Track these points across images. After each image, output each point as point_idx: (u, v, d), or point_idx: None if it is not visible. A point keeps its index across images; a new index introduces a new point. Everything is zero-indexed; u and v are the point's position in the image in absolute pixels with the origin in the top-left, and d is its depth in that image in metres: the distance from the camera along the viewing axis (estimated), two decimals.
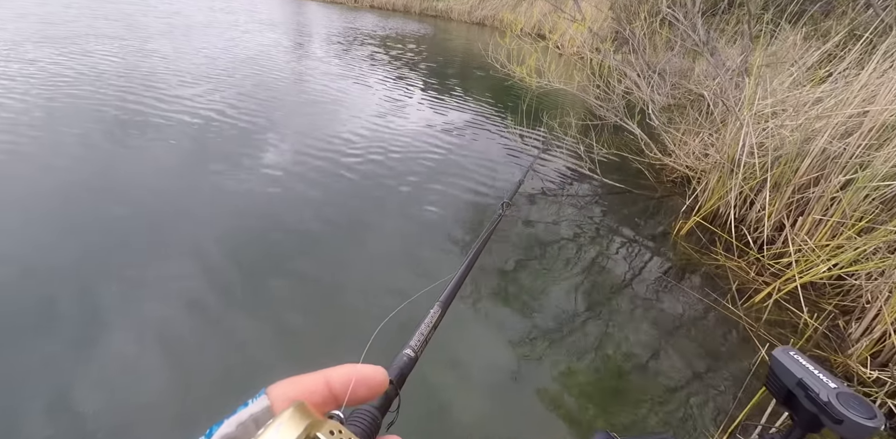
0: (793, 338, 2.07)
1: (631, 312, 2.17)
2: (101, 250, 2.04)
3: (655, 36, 5.30)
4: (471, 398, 1.59)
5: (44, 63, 4.62)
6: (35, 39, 5.56)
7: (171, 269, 1.97)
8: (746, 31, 3.94)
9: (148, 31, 7.16)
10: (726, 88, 3.57)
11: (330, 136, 3.71)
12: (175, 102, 3.97)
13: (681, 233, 2.90)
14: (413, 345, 0.39)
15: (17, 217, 2.21)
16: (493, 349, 1.83)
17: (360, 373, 0.23)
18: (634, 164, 3.83)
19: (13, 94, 3.67)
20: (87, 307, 1.71)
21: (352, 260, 2.25)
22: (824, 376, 0.66)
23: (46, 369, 1.45)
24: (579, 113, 5.18)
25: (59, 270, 1.88)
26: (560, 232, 2.80)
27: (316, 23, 11.13)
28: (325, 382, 0.22)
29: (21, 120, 3.26)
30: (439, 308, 0.47)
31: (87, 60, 4.92)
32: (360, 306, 1.92)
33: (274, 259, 2.15)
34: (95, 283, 1.83)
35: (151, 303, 1.77)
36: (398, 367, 0.35)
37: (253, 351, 1.64)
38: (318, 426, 0.19)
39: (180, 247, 2.14)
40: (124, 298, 1.77)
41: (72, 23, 6.99)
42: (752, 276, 2.50)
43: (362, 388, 0.23)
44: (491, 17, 14.72)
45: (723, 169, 2.95)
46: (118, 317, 1.68)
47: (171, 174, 2.83)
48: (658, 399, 1.72)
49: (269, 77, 5.37)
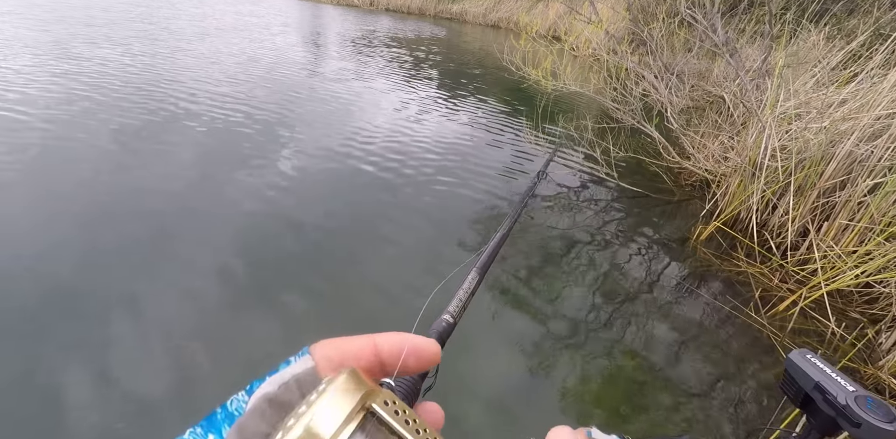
0: (820, 348, 2.00)
1: (648, 318, 2.12)
2: (138, 239, 2.08)
3: (673, 37, 5.23)
4: (482, 402, 1.57)
5: (86, 63, 4.77)
6: (79, 41, 5.71)
7: (200, 256, 1.99)
8: (767, 30, 3.86)
9: (184, 33, 7.31)
10: (747, 90, 3.49)
11: (349, 134, 3.72)
12: (205, 102, 4.03)
13: (700, 239, 2.84)
14: (452, 311, 0.40)
15: (48, 208, 2.28)
16: (505, 352, 1.80)
17: (413, 343, 0.22)
18: (652, 168, 3.77)
19: (58, 90, 3.76)
20: (119, 292, 1.73)
21: (386, 244, 2.32)
22: (842, 379, 0.66)
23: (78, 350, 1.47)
24: (595, 116, 5.12)
25: (94, 254, 1.91)
26: (575, 236, 2.76)
27: (334, 25, 11.23)
28: (374, 348, 0.21)
29: (58, 115, 3.39)
30: (477, 274, 0.47)
31: (127, 61, 5.05)
32: (396, 285, 2.02)
33: (324, 241, 2.23)
34: (136, 268, 1.85)
35: (180, 290, 1.79)
36: (437, 332, 0.37)
37: (291, 323, 1.64)
38: (373, 395, 0.18)
39: (214, 232, 2.18)
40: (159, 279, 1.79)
41: (112, 25, 7.21)
42: (776, 283, 2.43)
43: (412, 359, 0.22)
44: (506, 20, 14.71)
45: (744, 172, 2.88)
46: (153, 300, 1.72)
47: (199, 170, 2.91)
48: (676, 407, 1.67)
49: (290, 78, 5.43)
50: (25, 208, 2.34)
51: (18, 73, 4.39)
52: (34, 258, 1.97)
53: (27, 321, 1.65)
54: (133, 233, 2.22)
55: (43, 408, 1.35)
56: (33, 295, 1.77)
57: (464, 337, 1.85)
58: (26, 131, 3.18)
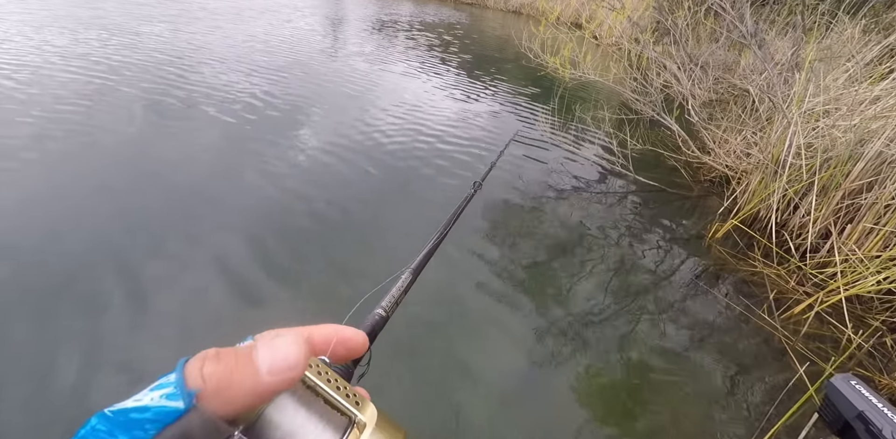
0: (833, 355, 1.93)
1: (658, 317, 2.07)
2: (160, 217, 2.09)
3: (699, 27, 5.05)
4: (485, 400, 1.55)
5: (120, 42, 4.80)
6: (115, 20, 5.71)
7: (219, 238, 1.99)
8: (799, 22, 3.69)
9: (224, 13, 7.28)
10: (774, 84, 3.36)
11: (365, 120, 3.67)
12: (226, 86, 4.00)
13: (716, 236, 2.76)
14: (385, 306, 0.42)
15: (78, 188, 2.30)
16: (510, 349, 1.77)
17: (342, 334, 0.23)
18: (670, 162, 3.67)
19: (96, 68, 3.76)
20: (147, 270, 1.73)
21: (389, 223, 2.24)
22: (889, 411, 0.62)
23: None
24: (613, 106, 5.00)
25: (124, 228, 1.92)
26: (588, 229, 2.70)
27: (356, 11, 11.10)
28: (308, 338, 0.23)
29: (85, 93, 3.46)
30: (410, 274, 0.50)
31: (161, 40, 5.06)
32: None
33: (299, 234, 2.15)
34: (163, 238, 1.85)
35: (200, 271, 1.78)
36: (371, 325, 0.40)
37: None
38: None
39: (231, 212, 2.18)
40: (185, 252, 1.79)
41: (149, 6, 7.24)
42: (792, 286, 2.35)
43: (341, 348, 0.23)
44: (528, 5, 14.38)
45: (766, 170, 2.78)
46: (180, 274, 1.73)
47: (222, 150, 2.95)
48: (682, 410, 1.64)
49: (311, 62, 5.39)
50: (54, 186, 2.34)
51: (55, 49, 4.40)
52: (65, 236, 1.98)
53: (55, 300, 1.65)
54: (160, 208, 2.25)
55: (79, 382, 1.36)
56: (69, 269, 1.78)
57: (471, 329, 1.83)
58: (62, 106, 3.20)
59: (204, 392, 0.17)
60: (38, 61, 4.03)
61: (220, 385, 0.17)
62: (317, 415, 0.20)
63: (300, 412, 0.20)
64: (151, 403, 0.16)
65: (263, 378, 0.18)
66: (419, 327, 1.77)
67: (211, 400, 0.17)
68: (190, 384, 0.17)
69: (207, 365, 0.18)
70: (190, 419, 0.16)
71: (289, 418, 0.19)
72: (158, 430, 0.16)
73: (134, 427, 0.16)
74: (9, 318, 1.55)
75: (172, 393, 0.17)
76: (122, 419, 0.16)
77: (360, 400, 0.22)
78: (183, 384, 0.17)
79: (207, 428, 0.16)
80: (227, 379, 0.17)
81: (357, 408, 0.21)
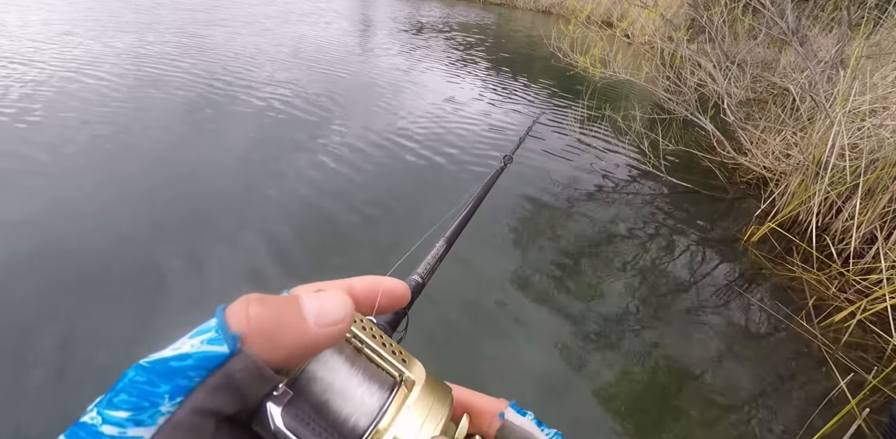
0: (876, 365, 1.85)
1: (691, 321, 2.02)
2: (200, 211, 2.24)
3: (736, 23, 4.88)
4: (514, 392, 1.54)
5: (171, 42, 5.13)
6: (165, 24, 6.00)
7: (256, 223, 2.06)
8: (845, 18, 3.54)
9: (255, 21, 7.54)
10: (816, 82, 3.22)
11: (396, 119, 3.72)
12: (266, 86, 4.13)
13: (752, 240, 2.67)
14: (420, 272, 0.43)
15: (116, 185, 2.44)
16: (534, 349, 1.75)
17: (385, 284, 0.23)
18: (704, 163, 3.57)
19: (142, 69, 3.95)
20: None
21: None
22: None
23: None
24: (645, 106, 4.89)
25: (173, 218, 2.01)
26: (618, 230, 2.66)
27: (383, 12, 11.24)
28: (349, 290, 0.22)
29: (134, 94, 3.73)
30: (444, 243, 0.51)
31: (208, 42, 5.47)
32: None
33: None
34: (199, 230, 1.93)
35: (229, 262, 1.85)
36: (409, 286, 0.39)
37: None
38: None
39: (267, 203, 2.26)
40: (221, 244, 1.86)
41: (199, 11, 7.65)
42: (833, 292, 2.25)
43: (385, 299, 0.23)
44: (557, 5, 14.23)
45: (806, 171, 2.67)
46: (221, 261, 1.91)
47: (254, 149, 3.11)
48: (713, 419, 1.59)
49: (344, 61, 5.57)
50: (94, 183, 2.49)
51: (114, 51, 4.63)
52: (105, 228, 2.09)
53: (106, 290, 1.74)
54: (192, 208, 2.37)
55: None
56: (108, 260, 1.87)
57: (495, 327, 1.82)
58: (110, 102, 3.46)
59: (249, 335, 0.16)
60: (111, 59, 4.52)
61: (267, 326, 0.16)
62: (362, 371, 0.19)
63: (345, 367, 0.19)
64: (192, 350, 0.15)
65: (311, 328, 0.17)
66: (443, 325, 1.78)
67: (257, 343, 0.16)
68: (234, 326, 0.16)
69: (252, 306, 0.16)
70: (235, 363, 0.15)
71: (333, 373, 0.19)
72: (203, 378, 0.15)
73: (176, 375, 0.15)
74: (86, 300, 1.70)
75: (215, 338, 0.15)
76: (161, 368, 0.15)
77: (406, 357, 0.21)
78: (226, 327, 0.16)
79: (253, 374, 0.16)
80: (275, 321, 0.16)
81: (404, 366, 0.21)
